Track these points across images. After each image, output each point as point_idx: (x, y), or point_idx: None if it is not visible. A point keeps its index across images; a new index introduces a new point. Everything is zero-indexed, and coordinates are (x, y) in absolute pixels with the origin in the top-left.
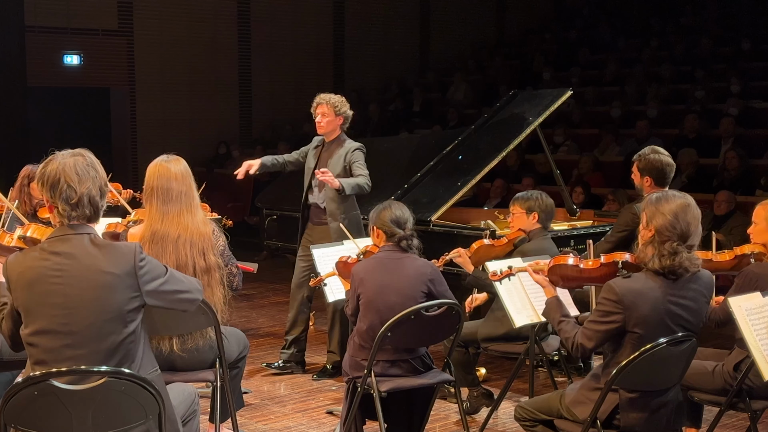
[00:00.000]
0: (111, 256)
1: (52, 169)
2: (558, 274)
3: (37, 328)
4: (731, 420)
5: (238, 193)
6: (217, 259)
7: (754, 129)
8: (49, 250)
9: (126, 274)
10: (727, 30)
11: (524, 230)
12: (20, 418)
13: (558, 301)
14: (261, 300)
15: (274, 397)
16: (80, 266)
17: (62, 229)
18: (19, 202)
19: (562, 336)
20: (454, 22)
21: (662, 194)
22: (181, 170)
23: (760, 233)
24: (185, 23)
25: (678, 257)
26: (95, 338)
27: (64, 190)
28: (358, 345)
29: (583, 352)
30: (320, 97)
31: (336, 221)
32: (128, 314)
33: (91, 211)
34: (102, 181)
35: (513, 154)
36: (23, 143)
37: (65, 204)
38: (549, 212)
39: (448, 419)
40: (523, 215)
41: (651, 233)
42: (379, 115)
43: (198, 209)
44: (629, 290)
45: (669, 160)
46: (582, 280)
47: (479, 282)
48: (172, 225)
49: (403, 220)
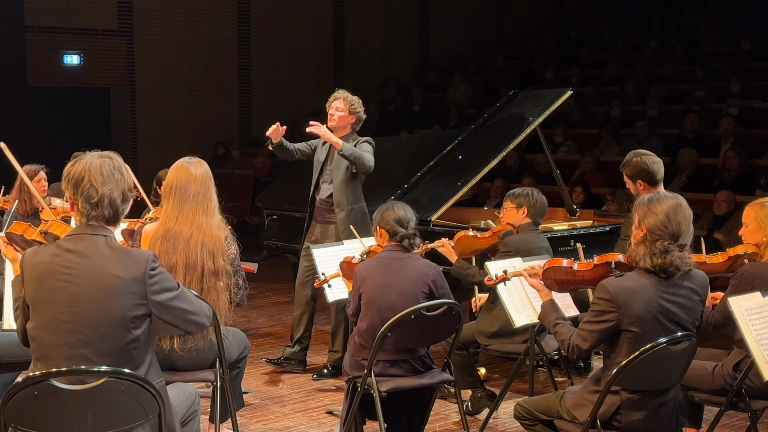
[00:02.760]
0: (122, 260)
1: (78, 167)
2: (552, 277)
3: (41, 323)
4: (731, 420)
5: (238, 193)
6: (226, 266)
7: (754, 129)
8: (63, 247)
9: (134, 280)
10: (727, 30)
11: (513, 224)
12: (20, 418)
13: (553, 304)
14: (261, 300)
15: (274, 397)
16: (90, 266)
17: (81, 228)
18: (19, 201)
19: (558, 338)
20: (454, 22)
21: (654, 195)
22: (201, 172)
23: (752, 234)
24: (185, 23)
25: (669, 256)
26: (97, 339)
27: (86, 189)
28: (358, 345)
29: (579, 353)
30: (339, 92)
31: (343, 211)
32: (132, 320)
33: (111, 213)
34: (126, 186)
35: (513, 154)
36: (23, 143)
37: (86, 202)
38: (539, 208)
39: (448, 419)
40: (513, 210)
41: (643, 233)
42: (379, 115)
43: (215, 212)
44: (622, 289)
45: (654, 158)
46: (576, 283)
47: (461, 272)
48: (185, 224)
49: (405, 219)
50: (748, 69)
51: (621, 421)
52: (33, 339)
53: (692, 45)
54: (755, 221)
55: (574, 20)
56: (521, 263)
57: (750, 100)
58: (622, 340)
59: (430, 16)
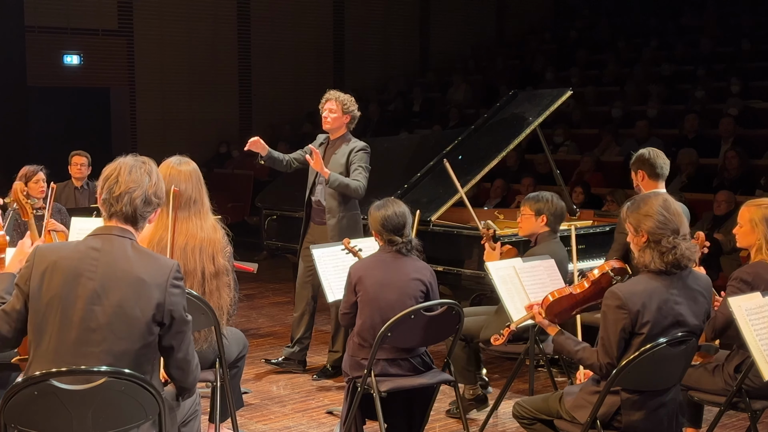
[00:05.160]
0: (148, 264)
1: (113, 164)
2: (554, 312)
3: (54, 319)
4: (731, 420)
5: (238, 193)
6: (226, 263)
7: (754, 129)
8: (89, 245)
9: (156, 285)
10: (727, 30)
11: (532, 232)
12: (20, 418)
13: (564, 334)
14: (261, 300)
15: (274, 397)
16: (115, 266)
17: (106, 228)
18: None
19: (585, 364)
20: (454, 22)
21: (637, 200)
22: (189, 173)
23: (745, 235)
24: (185, 23)
25: (678, 249)
26: (110, 340)
27: (112, 183)
28: (357, 344)
29: (612, 366)
30: (330, 93)
31: (334, 218)
32: (147, 325)
33: (129, 211)
34: (152, 192)
35: (513, 154)
36: (23, 143)
37: (108, 193)
38: (559, 216)
39: (448, 419)
40: (532, 217)
41: (644, 238)
42: (379, 115)
43: (208, 214)
44: (632, 293)
45: (660, 153)
46: (579, 304)
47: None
48: (179, 233)
49: (400, 224)
50: (748, 69)
51: (621, 421)
52: (36, 333)
53: (692, 45)
54: (749, 223)
55: (574, 20)
56: (520, 263)
57: (750, 100)
58: (632, 344)
59: (430, 16)
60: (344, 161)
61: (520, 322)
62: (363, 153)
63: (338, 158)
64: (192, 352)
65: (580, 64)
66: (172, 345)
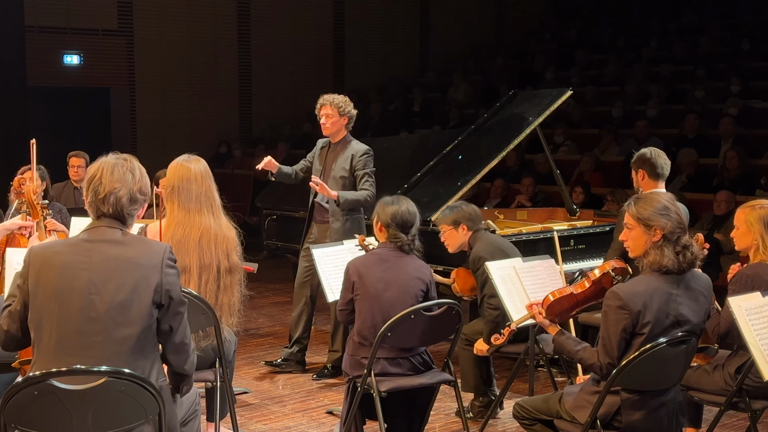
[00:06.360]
0: (141, 247)
1: (95, 165)
2: (555, 312)
3: (55, 313)
4: (731, 420)
5: (238, 193)
6: (238, 261)
7: (754, 129)
8: (80, 238)
9: (152, 267)
10: (727, 30)
11: (462, 242)
12: (20, 418)
13: (564, 334)
14: (261, 300)
15: (274, 397)
16: (108, 253)
17: (95, 223)
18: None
19: (585, 365)
20: (454, 22)
21: (644, 197)
22: (200, 170)
23: (742, 236)
24: (185, 23)
25: (691, 248)
26: (111, 327)
27: (96, 184)
28: (357, 343)
29: (612, 366)
30: (324, 98)
31: (338, 221)
32: (147, 308)
33: (116, 211)
34: (137, 189)
35: (513, 154)
36: (23, 143)
37: (93, 195)
38: (474, 217)
39: (448, 419)
40: (453, 231)
41: (659, 236)
42: (379, 115)
43: (221, 212)
44: (634, 293)
45: (661, 153)
46: (580, 304)
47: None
48: (193, 227)
49: (409, 222)
50: (748, 69)
51: (621, 421)
52: (37, 331)
53: (692, 45)
54: (745, 224)
55: (573, 20)
56: (520, 263)
57: (750, 100)
58: (633, 344)
59: (430, 16)
60: (348, 165)
61: (520, 322)
62: (366, 158)
63: (341, 162)
64: (188, 336)
65: (580, 64)
66: (171, 326)
